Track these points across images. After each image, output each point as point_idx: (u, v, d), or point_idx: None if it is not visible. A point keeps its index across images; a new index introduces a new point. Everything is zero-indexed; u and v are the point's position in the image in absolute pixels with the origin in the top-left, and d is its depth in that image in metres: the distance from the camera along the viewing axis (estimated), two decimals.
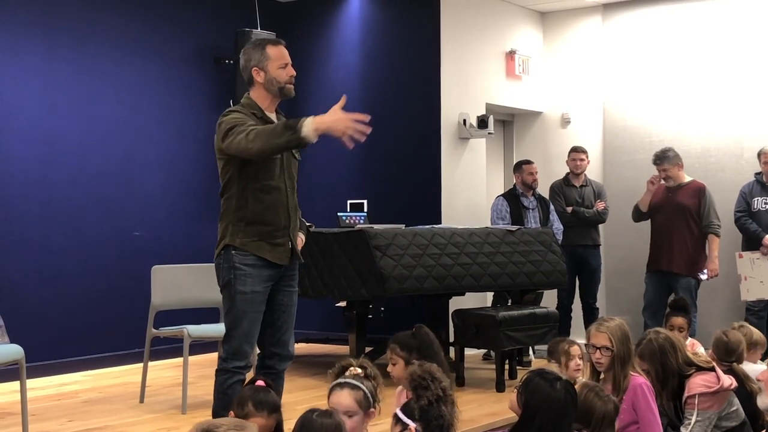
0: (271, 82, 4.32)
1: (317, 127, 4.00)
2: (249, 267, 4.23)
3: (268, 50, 4.33)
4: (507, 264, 6.83)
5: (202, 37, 8.40)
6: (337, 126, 4.07)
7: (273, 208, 4.29)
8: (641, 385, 4.18)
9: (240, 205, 4.27)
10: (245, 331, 4.25)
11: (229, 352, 4.27)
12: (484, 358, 7.74)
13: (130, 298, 7.36)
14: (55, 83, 7.31)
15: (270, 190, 4.28)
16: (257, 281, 4.25)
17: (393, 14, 8.66)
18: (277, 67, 4.32)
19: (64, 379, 6.95)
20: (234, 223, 4.27)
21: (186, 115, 8.26)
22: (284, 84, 4.32)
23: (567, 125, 9.45)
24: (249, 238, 4.24)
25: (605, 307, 8.68)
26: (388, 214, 7.87)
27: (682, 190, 7.71)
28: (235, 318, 4.26)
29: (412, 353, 4.21)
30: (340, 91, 9.06)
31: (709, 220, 7.60)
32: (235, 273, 4.23)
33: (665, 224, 7.69)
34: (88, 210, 7.46)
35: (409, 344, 4.25)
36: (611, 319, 4.35)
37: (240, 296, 4.23)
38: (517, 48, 9.18)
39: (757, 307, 7.67)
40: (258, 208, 4.25)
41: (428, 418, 3.40)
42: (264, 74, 4.32)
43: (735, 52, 8.51)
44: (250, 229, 4.25)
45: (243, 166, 4.21)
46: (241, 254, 4.23)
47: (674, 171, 7.70)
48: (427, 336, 4.30)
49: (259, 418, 3.30)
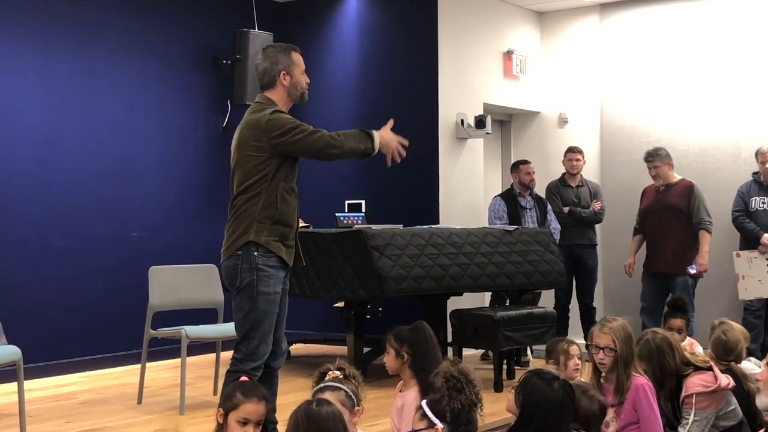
0: (295, 86, 4.48)
1: (380, 141, 4.40)
2: (271, 268, 4.28)
3: (293, 56, 4.51)
4: (505, 264, 6.83)
5: (200, 37, 8.40)
6: (390, 144, 4.48)
7: (293, 210, 4.41)
8: (643, 385, 4.18)
9: (268, 204, 4.30)
10: (266, 331, 4.30)
11: (245, 353, 4.27)
12: (483, 358, 7.74)
13: (128, 298, 7.36)
14: (54, 84, 7.31)
15: (292, 192, 4.41)
16: (277, 282, 4.32)
17: (390, 14, 8.66)
18: (301, 73, 4.52)
19: (61, 380, 6.95)
20: (260, 220, 4.28)
21: (184, 115, 8.26)
22: (305, 90, 4.54)
23: (564, 125, 9.45)
24: (272, 238, 4.29)
25: (602, 306, 8.69)
26: (386, 215, 7.88)
27: (671, 190, 7.71)
28: (257, 319, 4.26)
29: (404, 345, 4.19)
30: (337, 91, 9.15)
31: (699, 217, 7.58)
32: (258, 274, 4.25)
33: (657, 225, 7.71)
34: (87, 211, 7.46)
35: (402, 336, 4.22)
36: (614, 320, 4.33)
37: (263, 297, 4.26)
38: (515, 48, 9.18)
39: (755, 306, 7.68)
40: (285, 208, 4.34)
41: (458, 422, 3.35)
42: (290, 78, 4.47)
43: (732, 51, 8.52)
44: (275, 228, 4.30)
45: (281, 165, 4.30)
46: (264, 255, 4.26)
47: (664, 170, 7.70)
48: (423, 331, 4.25)
49: (249, 405, 3.30)
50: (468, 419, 3.38)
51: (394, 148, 4.45)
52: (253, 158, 4.30)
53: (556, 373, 3.45)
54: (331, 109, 8.89)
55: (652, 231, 7.75)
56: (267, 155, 4.28)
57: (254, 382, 3.54)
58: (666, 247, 7.62)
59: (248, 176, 4.30)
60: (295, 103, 4.53)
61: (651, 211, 7.79)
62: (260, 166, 4.29)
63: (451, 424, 3.32)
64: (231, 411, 3.30)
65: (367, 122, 8.61)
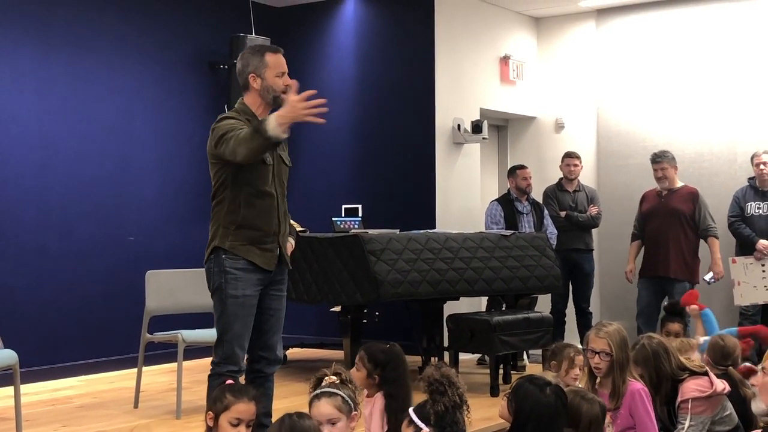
0: (266, 89, 4.32)
1: (280, 122, 3.94)
2: (239, 271, 4.25)
3: (266, 57, 4.32)
4: (501, 269, 6.84)
5: (197, 42, 8.41)
6: (296, 113, 3.97)
7: (265, 214, 4.31)
8: (639, 390, 4.19)
9: (232, 209, 4.28)
10: (237, 334, 4.27)
11: (221, 357, 4.28)
12: (479, 363, 7.75)
13: (125, 302, 7.35)
14: (50, 88, 7.31)
15: (263, 196, 4.30)
16: (248, 285, 4.27)
17: (388, 19, 8.68)
18: (274, 76, 4.31)
19: (58, 384, 6.94)
20: (224, 226, 4.29)
21: (181, 120, 8.27)
22: (279, 93, 4.29)
23: (561, 130, 9.47)
24: (239, 242, 4.26)
25: (598, 311, 8.69)
26: (383, 219, 7.89)
27: (675, 194, 7.72)
28: (226, 322, 4.27)
29: (377, 368, 4.15)
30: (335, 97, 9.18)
31: (706, 224, 7.61)
32: (225, 277, 4.25)
33: (660, 230, 7.69)
34: (83, 215, 7.46)
35: (377, 359, 4.15)
36: (609, 324, 4.34)
37: (231, 300, 4.25)
38: (512, 53, 9.20)
39: (750, 311, 7.69)
40: (250, 212, 4.27)
41: (443, 424, 3.38)
42: (260, 81, 4.31)
43: (729, 57, 8.54)
44: (241, 233, 4.27)
45: (238, 170, 4.22)
46: (232, 258, 4.25)
47: (671, 172, 7.71)
48: (397, 357, 4.20)
49: (240, 405, 3.30)
50: (453, 420, 3.42)
51: (299, 109, 3.95)
52: (213, 166, 4.31)
53: (551, 378, 3.45)
54: (328, 114, 8.84)
55: (654, 235, 7.74)
56: (220, 163, 4.25)
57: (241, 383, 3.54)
58: (668, 252, 7.60)
59: (214, 184, 4.32)
60: (273, 107, 4.31)
61: (653, 214, 7.77)
62: (218, 174, 4.29)
63: (436, 427, 3.35)
64: (222, 413, 3.31)
65: (364, 127, 8.71)
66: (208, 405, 3.45)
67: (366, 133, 8.73)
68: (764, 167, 7.67)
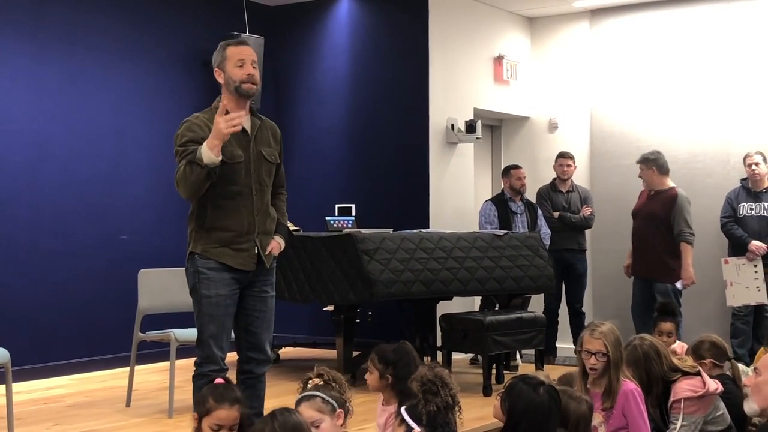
0: (228, 82, 4.31)
1: (210, 146, 4.04)
2: (211, 271, 4.25)
3: (227, 50, 4.33)
4: (494, 268, 6.85)
5: (190, 41, 8.39)
6: (222, 132, 4.04)
7: (234, 214, 4.28)
8: (632, 390, 4.19)
9: (200, 213, 4.29)
10: (213, 334, 4.26)
11: (201, 357, 4.30)
12: (472, 363, 7.75)
13: (117, 301, 7.33)
14: (43, 87, 7.29)
15: (232, 196, 4.27)
16: (221, 285, 4.26)
17: (382, 19, 8.67)
18: (233, 66, 4.29)
19: (50, 383, 6.91)
20: (196, 229, 4.31)
21: (174, 119, 8.08)
22: (239, 82, 4.27)
23: (554, 130, 9.48)
24: (210, 245, 4.26)
25: (591, 311, 8.70)
26: (376, 219, 7.88)
27: (657, 197, 7.72)
28: (202, 322, 4.29)
29: (388, 367, 4.17)
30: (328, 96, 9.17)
31: (679, 228, 7.53)
32: (199, 277, 4.26)
33: (639, 230, 7.80)
34: (76, 214, 7.44)
35: (388, 358, 4.19)
36: (603, 324, 4.33)
37: (205, 300, 4.26)
38: (505, 53, 9.20)
39: (743, 312, 7.71)
40: (217, 214, 4.26)
41: (434, 424, 3.38)
42: (223, 74, 4.33)
43: (722, 58, 8.55)
44: (211, 235, 4.27)
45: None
46: (204, 259, 4.26)
47: (648, 174, 7.70)
48: (408, 355, 4.23)
49: (221, 411, 3.30)
50: (445, 421, 3.42)
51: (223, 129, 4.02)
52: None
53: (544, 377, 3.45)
54: (322, 113, 8.89)
55: (635, 235, 7.84)
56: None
57: (227, 385, 3.52)
58: (646, 254, 7.68)
59: None
60: (245, 100, 4.32)
61: (637, 215, 7.85)
62: None
63: (428, 427, 3.35)
64: (204, 416, 3.31)
65: (358, 126, 8.71)
66: (195, 405, 3.45)
67: (360, 133, 8.73)
68: (756, 168, 7.69)
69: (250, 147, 4.33)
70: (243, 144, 4.31)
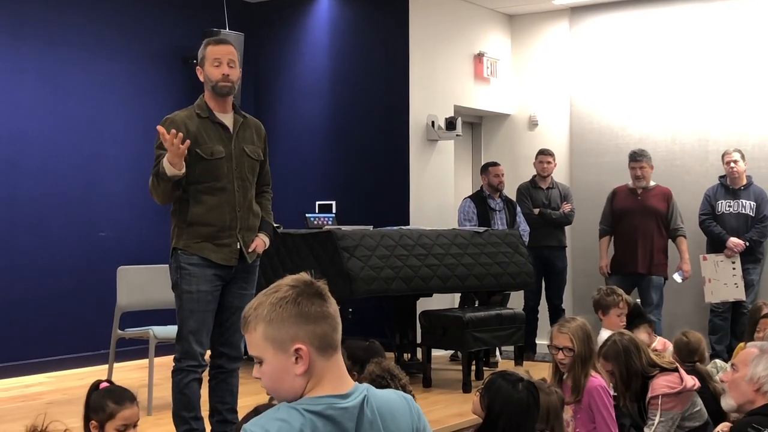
0: (206, 80, 4.36)
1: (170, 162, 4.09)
2: (193, 266, 4.27)
3: (207, 49, 4.36)
4: (474, 265, 6.85)
5: (170, 37, 8.35)
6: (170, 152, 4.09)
7: (217, 209, 4.29)
8: (597, 387, 4.24)
9: (182, 208, 4.31)
10: (193, 329, 4.28)
11: (181, 353, 4.31)
12: (451, 359, 7.76)
13: (96, 298, 7.30)
14: (21, 82, 7.24)
15: (214, 191, 4.29)
16: (202, 280, 4.27)
17: (362, 16, 8.66)
18: (210, 65, 4.32)
19: (27, 380, 6.88)
20: (178, 225, 4.34)
21: (154, 115, 8.08)
22: (216, 82, 4.31)
23: (534, 127, 9.50)
24: (192, 240, 4.28)
25: (571, 307, 8.73)
26: (357, 216, 7.88)
27: (650, 193, 7.80)
28: (182, 317, 4.30)
29: (355, 365, 4.18)
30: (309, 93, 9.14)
31: (676, 224, 7.76)
32: (180, 273, 4.28)
33: (634, 227, 7.78)
34: (54, 210, 7.40)
35: (356, 356, 4.20)
36: (573, 320, 4.40)
37: (186, 296, 4.27)
38: (486, 50, 9.22)
39: (721, 308, 7.76)
40: (199, 209, 4.28)
41: None
42: (203, 73, 4.37)
43: (701, 55, 8.59)
44: (193, 230, 4.29)
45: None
46: (186, 254, 4.28)
47: (648, 171, 7.83)
48: (376, 354, 4.26)
49: (125, 411, 3.31)
50: None
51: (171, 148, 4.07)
52: None
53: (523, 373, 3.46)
54: (302, 110, 8.87)
55: (628, 232, 7.82)
56: None
57: (118, 386, 3.51)
58: (642, 249, 7.71)
59: None
60: (225, 98, 4.35)
61: (628, 212, 7.85)
62: None
63: None
64: (107, 421, 3.30)
65: (338, 123, 8.70)
66: (88, 413, 3.40)
67: (340, 130, 8.72)
68: (734, 165, 7.74)
69: (232, 143, 4.34)
70: (224, 140, 4.32)
